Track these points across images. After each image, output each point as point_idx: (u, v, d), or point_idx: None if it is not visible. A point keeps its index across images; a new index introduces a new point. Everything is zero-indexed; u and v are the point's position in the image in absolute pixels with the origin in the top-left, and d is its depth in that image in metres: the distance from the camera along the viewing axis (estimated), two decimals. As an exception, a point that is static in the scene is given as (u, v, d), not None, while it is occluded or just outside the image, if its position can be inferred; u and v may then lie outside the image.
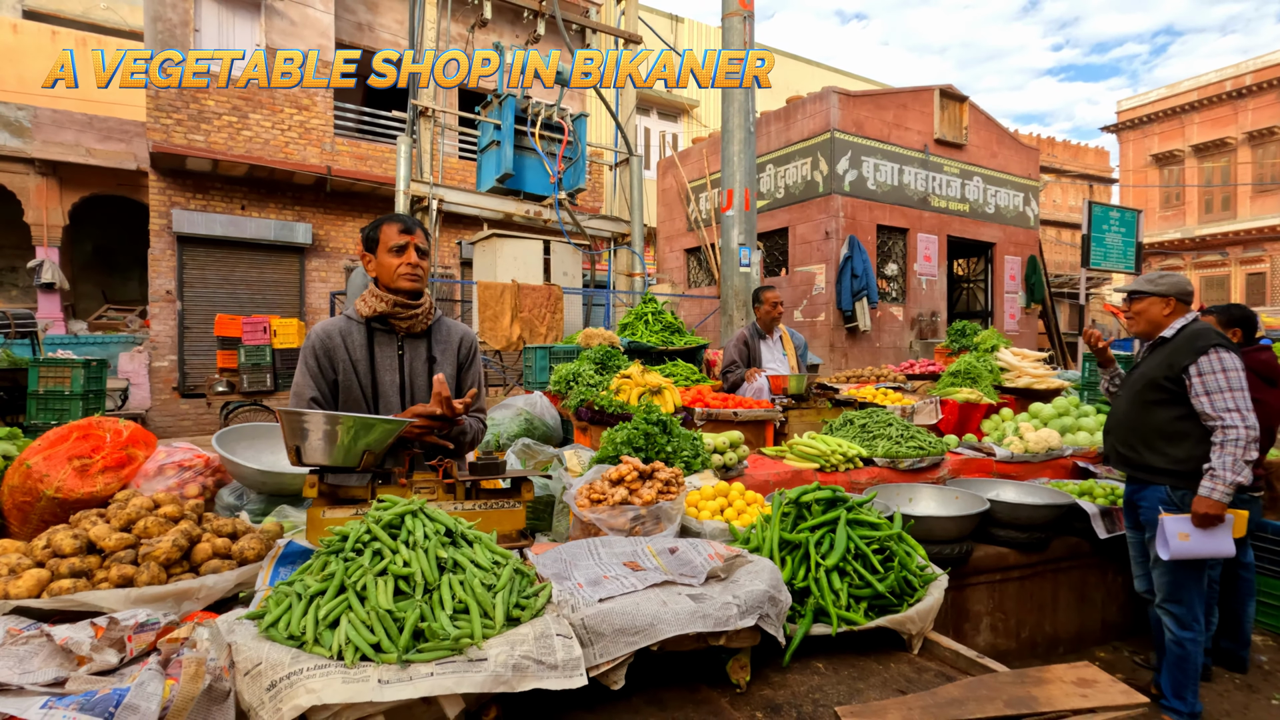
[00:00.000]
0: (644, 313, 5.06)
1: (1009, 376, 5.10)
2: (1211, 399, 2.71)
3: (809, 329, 8.92)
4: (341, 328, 2.10)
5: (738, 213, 7.20)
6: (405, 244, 2.11)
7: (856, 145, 8.81)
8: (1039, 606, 3.60)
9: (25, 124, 12.89)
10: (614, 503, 2.00)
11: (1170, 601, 2.87)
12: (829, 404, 4.36)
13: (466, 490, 1.79)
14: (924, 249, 9.57)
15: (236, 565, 1.61)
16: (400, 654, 1.17)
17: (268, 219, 12.28)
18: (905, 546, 1.88)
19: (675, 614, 1.38)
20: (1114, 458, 3.11)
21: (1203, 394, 2.74)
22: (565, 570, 1.73)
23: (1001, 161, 10.57)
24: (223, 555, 1.61)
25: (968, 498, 3.41)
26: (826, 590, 1.66)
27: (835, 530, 1.80)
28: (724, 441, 3.27)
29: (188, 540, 1.56)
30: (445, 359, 2.27)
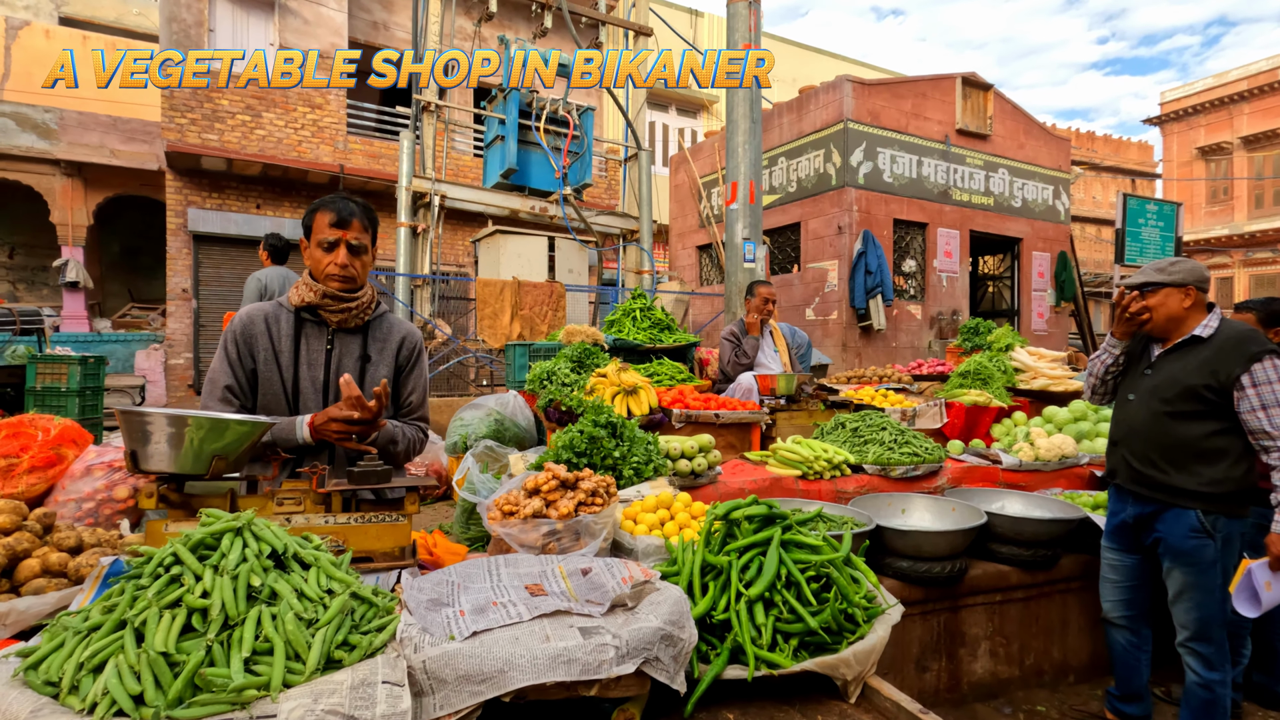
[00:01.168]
0: (632, 309, 4.83)
1: (1024, 378, 4.75)
2: (1269, 414, 2.35)
3: (821, 327, 8.58)
4: (269, 313, 1.91)
5: (742, 206, 6.91)
6: (336, 240, 1.90)
7: (872, 136, 8.44)
8: (1046, 630, 3.27)
9: (52, 126, 13.17)
10: (525, 515, 1.78)
11: (1198, 640, 2.53)
12: (822, 406, 4.07)
13: (345, 501, 1.57)
14: (944, 244, 9.16)
15: (71, 584, 1.42)
16: (165, 708, 0.95)
17: (282, 217, 12.34)
18: (852, 573, 1.62)
19: (533, 658, 1.15)
20: (1125, 473, 2.73)
21: (1259, 408, 2.37)
22: (449, 596, 1.51)
23: (1029, 153, 10.08)
24: (55, 573, 1.42)
25: (965, 510, 3.11)
26: (746, 625, 1.41)
27: (767, 553, 1.54)
28: (693, 446, 3.02)
29: (7, 556, 1.37)
30: (382, 359, 2.05)
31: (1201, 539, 2.47)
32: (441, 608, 1.46)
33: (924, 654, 2.99)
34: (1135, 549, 2.76)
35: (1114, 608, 2.84)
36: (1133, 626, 2.81)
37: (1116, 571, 2.84)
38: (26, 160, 13.13)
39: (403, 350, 2.09)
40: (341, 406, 1.82)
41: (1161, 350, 2.68)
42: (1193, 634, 2.54)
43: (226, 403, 1.83)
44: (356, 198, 1.98)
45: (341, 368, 1.99)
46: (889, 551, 2.96)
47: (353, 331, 1.99)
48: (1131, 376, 2.79)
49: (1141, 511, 2.67)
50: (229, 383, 1.84)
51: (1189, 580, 2.52)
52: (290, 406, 1.91)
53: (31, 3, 17.88)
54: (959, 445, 3.99)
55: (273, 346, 1.87)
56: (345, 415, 1.78)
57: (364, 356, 2.01)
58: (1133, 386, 2.77)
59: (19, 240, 15.25)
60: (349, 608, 1.19)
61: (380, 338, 2.06)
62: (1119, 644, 2.83)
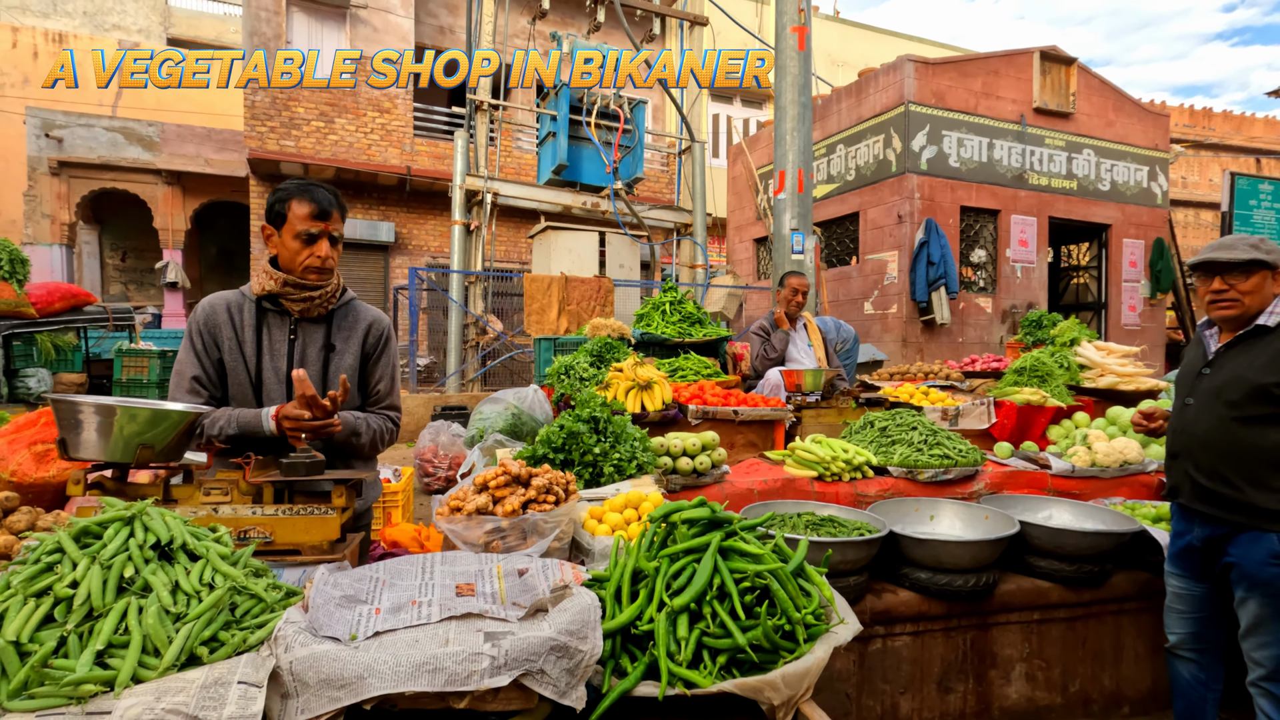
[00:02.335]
0: (662, 303, 4.72)
1: (1089, 375, 4.32)
2: None
3: (880, 322, 8.17)
4: (233, 303, 1.93)
5: (790, 195, 6.66)
6: (319, 233, 1.88)
7: (936, 118, 7.95)
8: (1095, 655, 2.95)
9: (154, 138, 14.29)
10: (469, 512, 1.71)
11: (1275, 680, 2.18)
12: (854, 404, 3.84)
13: (277, 492, 1.55)
14: (1019, 232, 8.53)
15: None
16: (5, 699, 0.94)
17: (354, 219, 12.90)
18: (805, 585, 1.47)
19: (395, 665, 1.08)
20: (1190, 491, 2.36)
21: None
22: (370, 593, 1.46)
23: (1120, 131, 9.25)
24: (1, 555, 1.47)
25: (999, 519, 2.84)
26: (663, 637, 1.29)
27: (702, 560, 1.42)
28: (695, 443, 2.89)
29: (-49, 537, 1.43)
30: (347, 348, 2.04)
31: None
32: (356, 605, 1.41)
33: (947, 673, 2.75)
34: (1204, 576, 2.41)
35: (1181, 640, 2.50)
36: (1201, 660, 2.46)
37: (1183, 601, 2.49)
38: (133, 171, 14.33)
39: (369, 337, 2.06)
40: (295, 405, 1.75)
41: (1221, 344, 2.34)
42: (1269, 672, 2.20)
43: (195, 394, 1.85)
44: (326, 184, 1.97)
45: (306, 358, 1.98)
46: (907, 561, 2.73)
47: (316, 320, 1.99)
48: (1185, 376, 2.46)
49: (1211, 534, 2.31)
50: (196, 373, 1.86)
51: (1267, 612, 2.18)
52: (256, 397, 1.92)
53: (144, 26, 19.48)
54: (1006, 448, 3.67)
55: (236, 336, 1.89)
56: (296, 414, 1.72)
57: (328, 346, 2.00)
58: (1189, 388, 2.43)
59: (130, 245, 16.67)
60: (225, 603, 1.15)
61: (346, 326, 2.04)
62: (1183, 678, 2.50)
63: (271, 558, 1.52)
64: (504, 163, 13.72)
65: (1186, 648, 2.47)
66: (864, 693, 2.65)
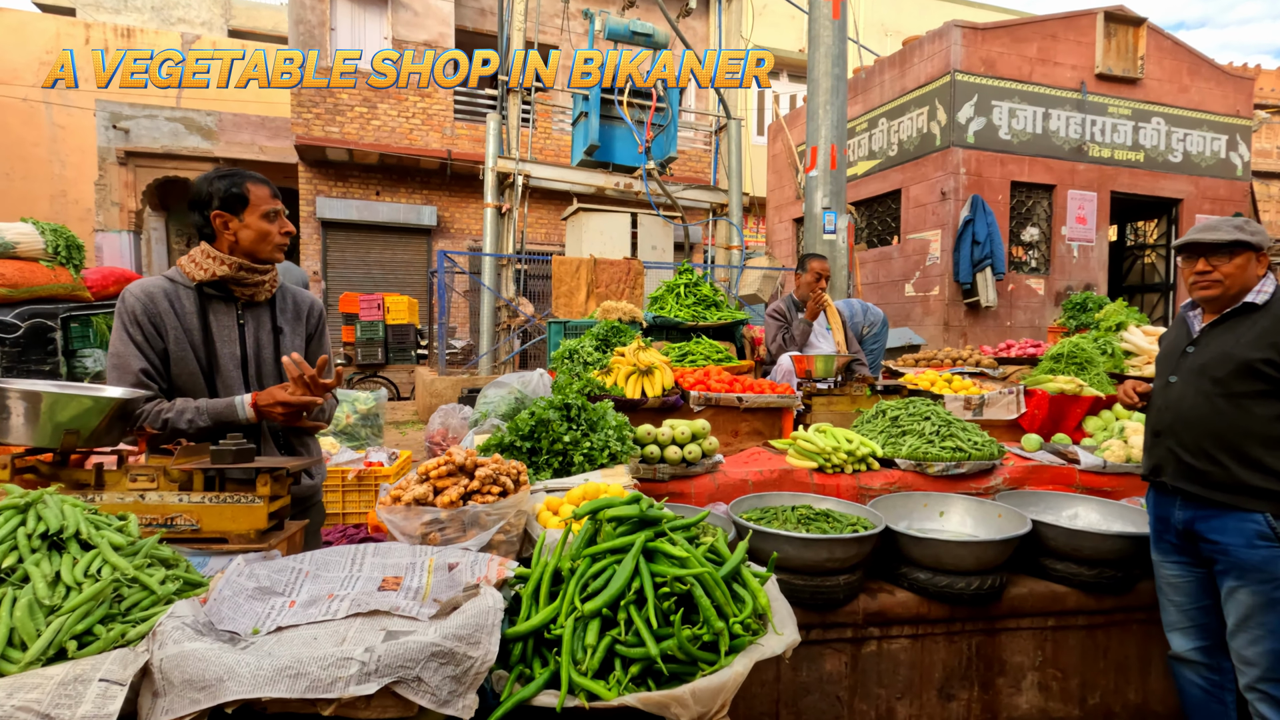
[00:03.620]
0: (676, 285, 4.58)
1: (1134, 362, 4.00)
2: None
3: (921, 304, 7.81)
4: (167, 290, 1.92)
5: (822, 173, 6.39)
6: (279, 210, 1.96)
7: (985, 88, 7.48)
8: (1117, 666, 2.73)
9: (212, 127, 14.83)
10: (407, 501, 1.66)
11: (1271, 681, 2.03)
12: (868, 391, 3.64)
13: (208, 479, 1.53)
14: (1076, 208, 7.99)
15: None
16: None
17: (398, 203, 13.14)
18: (740, 590, 1.36)
19: (257, 668, 1.03)
20: (1173, 470, 2.25)
21: None
22: (288, 584, 1.43)
23: (1195, 97, 8.52)
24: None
25: (1013, 517, 2.65)
26: (568, 644, 1.21)
27: (623, 562, 1.32)
28: (684, 432, 2.78)
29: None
30: (294, 330, 2.08)
31: (1273, 548, 2.00)
32: (270, 597, 1.38)
33: (949, 680, 2.58)
34: (1195, 560, 2.27)
35: (1182, 639, 2.34)
36: (1209, 661, 2.30)
37: (1178, 590, 2.34)
38: (193, 159, 14.92)
39: (310, 319, 2.13)
40: (289, 389, 1.82)
41: (1206, 323, 2.25)
42: (1264, 673, 2.05)
43: (143, 386, 1.82)
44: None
45: (259, 341, 1.99)
46: (906, 560, 2.57)
47: (260, 304, 1.99)
48: (1168, 355, 2.36)
49: (1193, 515, 2.20)
50: (143, 366, 1.81)
51: (1257, 601, 2.04)
52: (209, 385, 1.91)
53: (207, 18, 20.22)
54: (1035, 440, 3.42)
55: (181, 325, 1.87)
56: (298, 399, 1.79)
57: (276, 329, 2.01)
58: (1172, 366, 2.32)
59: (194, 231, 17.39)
60: (107, 595, 1.13)
61: (287, 309, 2.08)
62: (1194, 687, 2.32)
63: (198, 546, 1.50)
64: (543, 145, 13.70)
65: (1189, 647, 2.32)
66: (857, 696, 2.52)
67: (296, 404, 1.81)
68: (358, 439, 3.68)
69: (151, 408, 1.80)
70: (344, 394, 3.85)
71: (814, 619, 2.43)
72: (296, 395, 1.81)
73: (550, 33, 13.38)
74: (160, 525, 1.49)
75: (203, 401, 1.85)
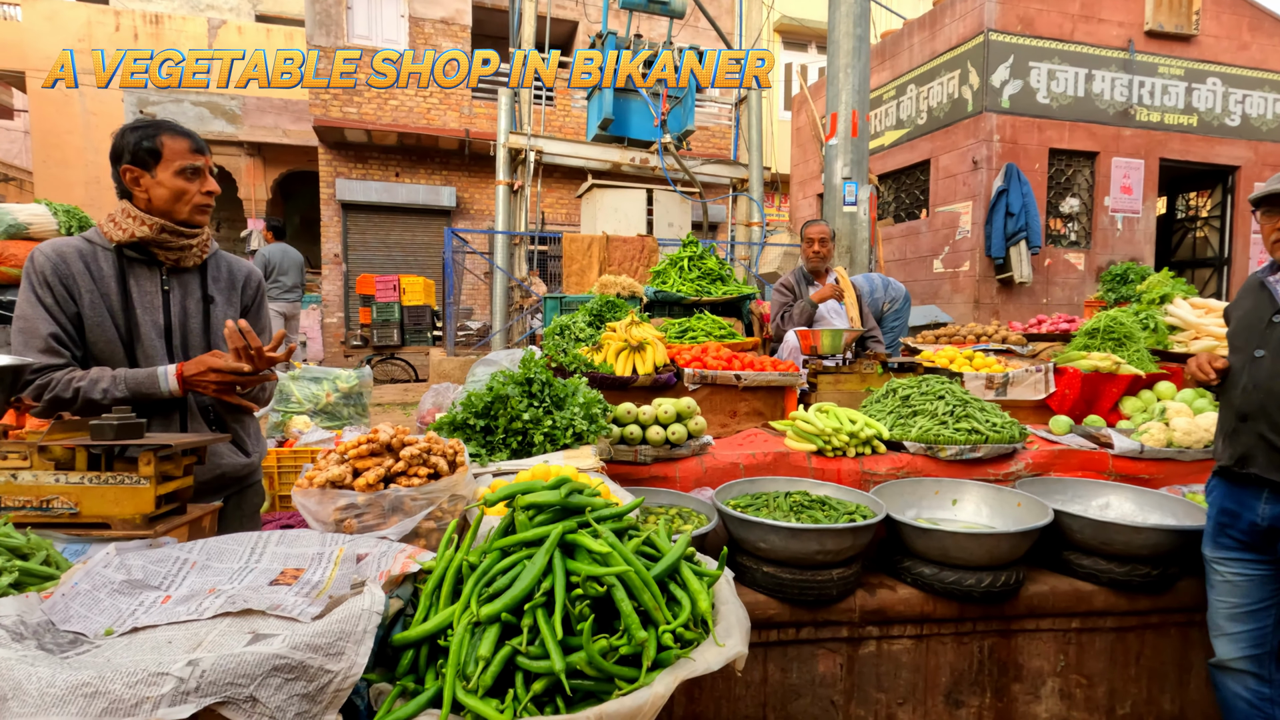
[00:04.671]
0: (680, 259, 4.33)
1: (1180, 338, 3.64)
2: None
3: (950, 281, 7.41)
4: (83, 251, 1.75)
5: (843, 141, 6.05)
6: (201, 166, 1.78)
7: (1021, 48, 6.99)
8: (1152, 673, 2.44)
9: (236, 111, 14.92)
10: (320, 484, 1.48)
11: None
12: (879, 369, 3.37)
13: (93, 458, 1.37)
14: (1121, 177, 7.46)
15: None
16: None
17: (416, 184, 13.05)
18: (679, 593, 1.14)
19: (47, 685, 0.85)
20: (1265, 459, 1.96)
21: None
22: (168, 576, 1.27)
23: (1256, 54, 7.87)
24: None
25: (1034, 506, 2.38)
26: (456, 654, 1.02)
27: (534, 558, 1.12)
28: (668, 411, 2.57)
29: None
30: (227, 300, 1.91)
31: None
32: (140, 592, 1.21)
33: (958, 685, 2.34)
34: (1267, 561, 2.01)
35: (1230, 645, 2.08)
36: (1259, 671, 2.05)
37: (1235, 592, 2.07)
38: (218, 143, 15.03)
39: (247, 290, 1.96)
40: (226, 357, 1.71)
41: None
42: None
43: (53, 353, 1.67)
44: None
45: (185, 310, 1.83)
46: (909, 553, 2.33)
47: (188, 270, 1.82)
48: (1251, 326, 2.05)
49: None
50: (53, 330, 1.66)
51: None
52: (128, 355, 1.75)
53: (235, 4, 20.33)
54: (1065, 422, 3.12)
55: (97, 288, 1.71)
56: (234, 367, 1.69)
57: (206, 297, 1.83)
58: (1259, 338, 2.01)
59: (222, 215, 17.65)
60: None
61: (222, 277, 1.91)
62: (1239, 700, 2.05)
63: (77, 532, 1.34)
64: (563, 122, 13.44)
65: (1239, 654, 2.06)
66: (853, 701, 2.29)
67: (230, 373, 1.69)
68: (339, 418, 3.55)
69: (63, 375, 1.65)
70: (324, 371, 3.73)
71: (804, 616, 2.21)
72: (231, 364, 1.68)
73: (568, 7, 13.08)
74: (35, 509, 1.33)
75: (121, 371, 1.69)
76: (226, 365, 1.68)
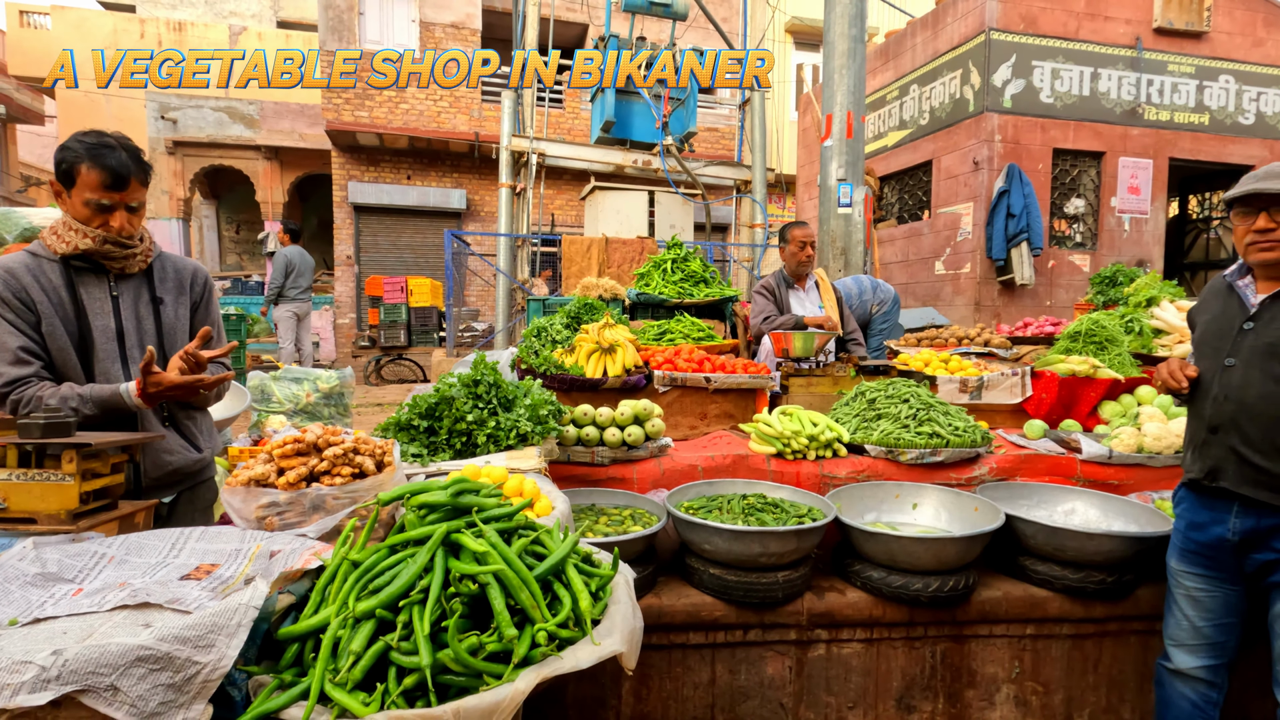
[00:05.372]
0: (664, 261, 4.35)
1: (1165, 341, 3.58)
2: None
3: (951, 283, 7.34)
4: (29, 264, 1.80)
5: (837, 142, 6.02)
6: (111, 205, 1.75)
7: (1025, 47, 6.90)
8: (1112, 682, 2.41)
9: (254, 116, 15.22)
10: (244, 481, 1.53)
11: None
12: (852, 372, 3.36)
13: (23, 455, 1.43)
14: (1129, 178, 7.33)
15: None
16: None
17: (427, 187, 13.20)
18: (563, 593, 1.17)
19: (-85, 671, 0.89)
20: (1235, 472, 1.88)
21: None
22: (83, 570, 1.32)
23: (1271, 51, 7.68)
24: None
25: (990, 511, 2.36)
26: (327, 649, 1.05)
27: (416, 555, 1.15)
28: (625, 413, 2.59)
29: None
30: (176, 301, 1.97)
31: None
32: (53, 585, 1.27)
33: (910, 690, 2.33)
34: (1235, 577, 1.95)
35: (1188, 656, 2.03)
36: (1214, 680, 2.02)
37: (1199, 607, 2.01)
38: (237, 147, 15.37)
39: (194, 288, 2.01)
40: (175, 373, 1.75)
41: (1268, 293, 1.87)
42: None
43: (23, 364, 1.72)
44: (125, 141, 1.79)
45: (138, 314, 1.88)
46: (859, 557, 2.33)
47: (135, 275, 1.87)
48: (1219, 332, 1.96)
49: (1257, 525, 1.86)
50: (21, 343, 1.71)
51: None
52: (83, 362, 1.81)
53: (257, 10, 20.70)
54: (1039, 427, 3.09)
55: (49, 299, 1.76)
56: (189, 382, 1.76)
57: (155, 299, 1.89)
58: (1228, 346, 1.93)
59: (242, 218, 18.03)
60: None
61: (168, 278, 1.96)
62: (1185, 701, 2.03)
63: (5, 526, 1.39)
64: (571, 125, 13.51)
65: (1197, 664, 2.02)
66: (803, 704, 2.30)
67: (187, 386, 1.75)
68: (320, 418, 3.62)
69: (32, 393, 1.71)
70: (304, 371, 3.80)
71: (751, 618, 2.22)
72: (184, 380, 1.75)
73: (577, 9, 13.15)
74: (-34, 504, 1.39)
75: (87, 389, 1.75)
76: (181, 380, 1.74)
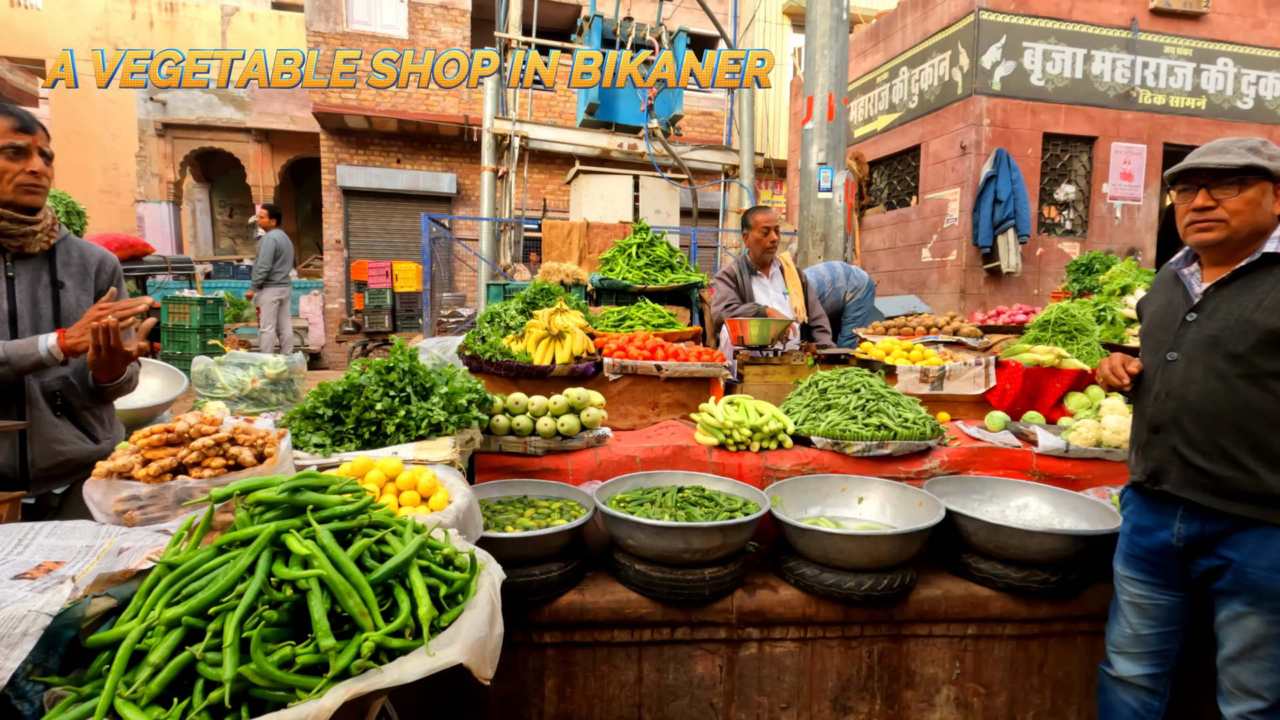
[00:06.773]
0: (629, 245, 4.24)
1: (1137, 331, 3.46)
2: None
3: (937, 270, 7.20)
4: None
5: (819, 124, 5.88)
6: (25, 145, 1.73)
7: (1015, 28, 6.72)
8: (1057, 684, 2.33)
9: (245, 99, 15.06)
10: (103, 474, 1.44)
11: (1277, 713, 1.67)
12: (810, 361, 3.26)
13: None
14: (1121, 163, 7.17)
15: None
16: None
17: (418, 170, 13.05)
18: (403, 599, 1.08)
19: None
20: (1178, 475, 1.76)
21: None
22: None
23: (1272, 33, 7.47)
24: None
25: (934, 507, 2.26)
26: (123, 660, 0.97)
27: (239, 558, 1.06)
28: (560, 402, 2.50)
29: None
30: (79, 286, 1.89)
31: None
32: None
33: (845, 691, 2.25)
34: (1180, 583, 1.84)
35: (1130, 664, 1.95)
36: (1156, 688, 1.94)
37: (1142, 614, 1.92)
38: (227, 130, 15.22)
39: (102, 274, 1.92)
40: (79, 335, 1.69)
41: (1211, 281, 1.74)
42: (1272, 705, 1.67)
43: None
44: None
45: (34, 297, 1.81)
46: (793, 553, 2.24)
47: (35, 256, 1.79)
48: (1162, 324, 1.83)
49: (1201, 530, 1.74)
50: None
51: (1273, 631, 1.64)
52: None
53: (251, -9, 20.42)
54: (1000, 419, 2.99)
55: None
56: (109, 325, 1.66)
57: (56, 282, 1.81)
58: (1171, 339, 1.80)
59: (235, 202, 17.91)
60: None
61: (73, 261, 1.88)
62: (1125, 708, 1.96)
63: None
64: (563, 108, 13.32)
65: (1139, 672, 1.93)
66: (734, 704, 2.22)
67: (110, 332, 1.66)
68: (266, 405, 3.54)
69: None
70: (250, 357, 3.72)
71: (678, 616, 2.14)
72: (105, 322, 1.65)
73: (569, -10, 12.92)
74: None
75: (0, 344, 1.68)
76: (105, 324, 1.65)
